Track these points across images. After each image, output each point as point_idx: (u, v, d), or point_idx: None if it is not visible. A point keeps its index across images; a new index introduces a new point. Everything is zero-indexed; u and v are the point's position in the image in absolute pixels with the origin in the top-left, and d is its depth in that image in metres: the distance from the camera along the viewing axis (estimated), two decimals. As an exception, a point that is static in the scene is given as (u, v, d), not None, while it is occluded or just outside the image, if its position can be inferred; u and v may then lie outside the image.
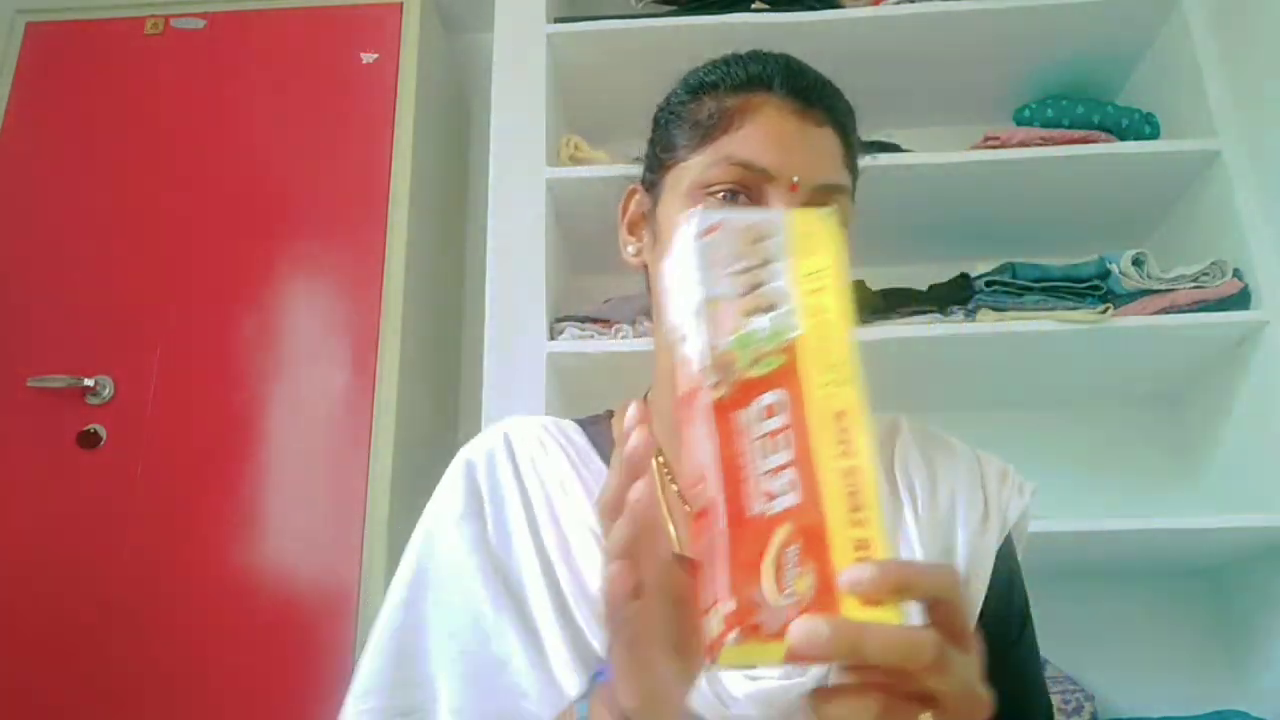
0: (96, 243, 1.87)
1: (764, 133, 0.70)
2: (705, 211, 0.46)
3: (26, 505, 1.70)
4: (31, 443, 1.74)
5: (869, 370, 0.43)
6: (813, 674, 0.61)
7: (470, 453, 0.77)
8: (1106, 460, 1.82)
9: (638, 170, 0.81)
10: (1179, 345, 1.63)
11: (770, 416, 0.42)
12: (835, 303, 0.44)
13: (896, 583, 0.39)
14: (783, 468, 0.41)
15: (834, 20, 1.73)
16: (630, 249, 0.80)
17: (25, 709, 1.59)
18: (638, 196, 0.80)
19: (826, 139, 0.72)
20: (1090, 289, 1.61)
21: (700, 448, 0.42)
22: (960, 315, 1.63)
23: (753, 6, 1.77)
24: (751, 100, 0.71)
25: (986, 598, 0.70)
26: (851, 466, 0.41)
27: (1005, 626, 0.74)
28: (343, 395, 1.75)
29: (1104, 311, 1.56)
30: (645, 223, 0.78)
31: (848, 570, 0.39)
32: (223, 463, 1.72)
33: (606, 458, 0.76)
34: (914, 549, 0.70)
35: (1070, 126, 1.77)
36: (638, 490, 0.44)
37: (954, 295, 1.66)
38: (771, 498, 0.41)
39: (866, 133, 0.78)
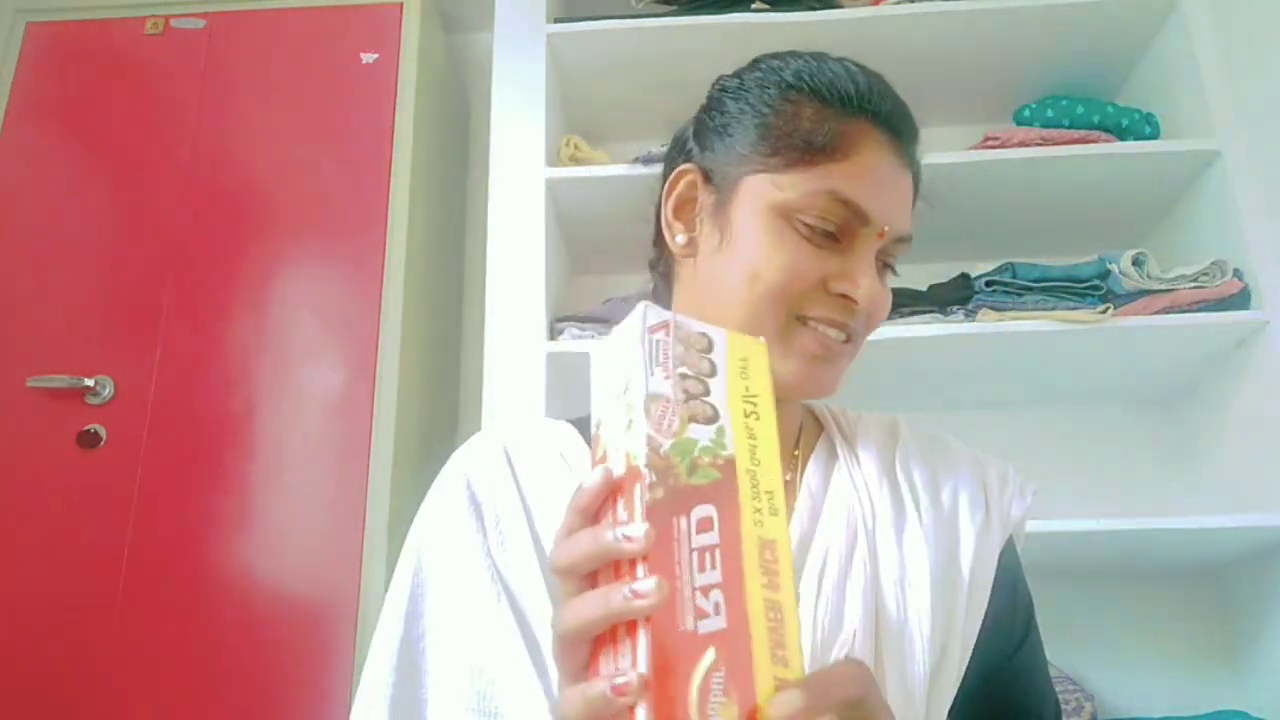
0: (96, 243, 1.87)
1: (868, 173, 0.68)
2: (653, 307, 0.45)
3: (26, 505, 1.70)
4: (31, 443, 1.73)
5: (869, 370, 0.43)
6: None
7: (466, 461, 0.73)
8: (1106, 460, 1.82)
9: (638, 171, 0.79)
10: (1179, 345, 1.63)
11: (703, 531, 0.40)
12: (766, 431, 0.44)
13: (820, 705, 0.40)
14: (711, 587, 0.39)
15: (834, 20, 1.73)
16: (680, 238, 0.72)
17: (25, 708, 1.59)
18: (689, 178, 0.73)
19: (908, 184, 0.72)
20: (1090, 289, 1.61)
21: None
22: (960, 315, 1.63)
23: (753, 6, 1.77)
24: (855, 127, 0.68)
25: (991, 600, 0.70)
26: (776, 601, 0.40)
27: (1010, 628, 0.73)
28: (343, 395, 1.75)
29: (1104, 311, 1.56)
30: (692, 209, 0.72)
31: (776, 701, 0.38)
32: (223, 463, 1.72)
33: None
34: (919, 553, 0.69)
35: (1070, 126, 1.77)
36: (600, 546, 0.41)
37: (954, 295, 1.66)
38: (701, 616, 0.39)
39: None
